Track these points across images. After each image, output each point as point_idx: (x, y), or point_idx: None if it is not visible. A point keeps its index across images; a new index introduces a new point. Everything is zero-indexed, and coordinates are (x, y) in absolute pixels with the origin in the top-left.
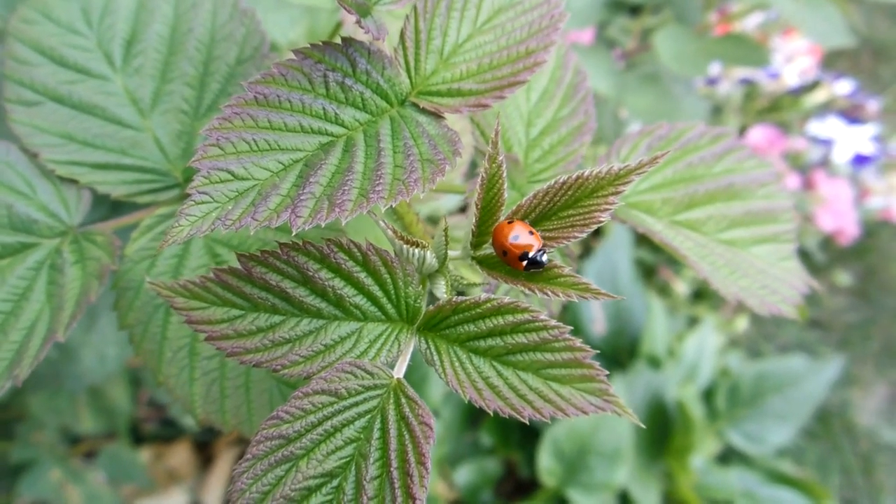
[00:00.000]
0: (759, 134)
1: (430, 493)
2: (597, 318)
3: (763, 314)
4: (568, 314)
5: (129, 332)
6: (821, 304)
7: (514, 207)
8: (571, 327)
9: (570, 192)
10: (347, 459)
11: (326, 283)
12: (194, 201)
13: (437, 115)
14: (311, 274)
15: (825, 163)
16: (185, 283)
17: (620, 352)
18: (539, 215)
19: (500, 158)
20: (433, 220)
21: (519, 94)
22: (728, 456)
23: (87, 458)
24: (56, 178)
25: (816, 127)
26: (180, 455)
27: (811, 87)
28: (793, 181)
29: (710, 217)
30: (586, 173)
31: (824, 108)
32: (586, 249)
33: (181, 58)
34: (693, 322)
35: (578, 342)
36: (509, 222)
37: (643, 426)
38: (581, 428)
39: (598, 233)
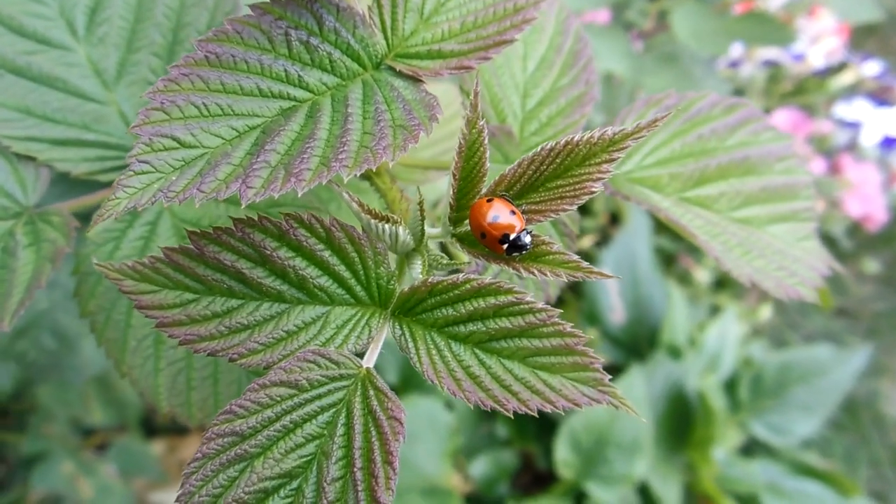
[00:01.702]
0: (783, 117)
1: (445, 485)
2: (615, 307)
3: (780, 297)
4: (585, 302)
5: (91, 319)
6: (848, 292)
7: (496, 178)
8: (560, 310)
9: (558, 160)
10: (308, 458)
11: (286, 262)
12: (133, 171)
13: (415, 79)
14: (269, 253)
15: (852, 146)
16: (134, 264)
17: (640, 341)
18: (524, 186)
19: (481, 123)
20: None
21: (514, 63)
22: (752, 448)
23: (99, 450)
24: (12, 155)
25: (843, 109)
26: (194, 447)
27: (838, 68)
28: (819, 166)
29: (723, 194)
30: (576, 138)
31: (851, 91)
32: (604, 237)
33: (149, 25)
34: (715, 311)
35: (569, 326)
36: (488, 200)
37: (644, 420)
38: (599, 419)
39: (615, 220)
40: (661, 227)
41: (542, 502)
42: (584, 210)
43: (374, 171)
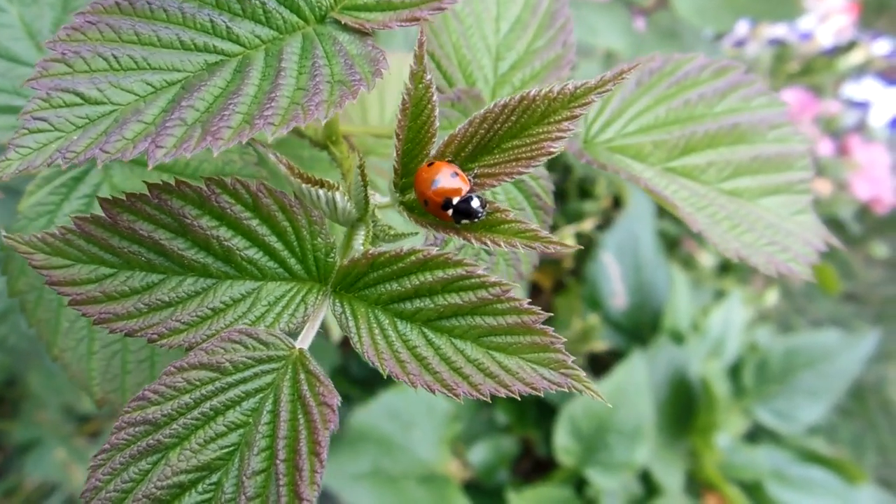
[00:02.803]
0: (790, 97)
1: (443, 472)
2: (617, 292)
3: (770, 274)
4: (586, 287)
5: (21, 299)
6: (856, 276)
7: (445, 139)
8: (517, 285)
9: (513, 118)
10: (230, 450)
11: (209, 232)
12: (28, 129)
13: (361, 33)
14: (189, 222)
15: (861, 127)
16: (44, 235)
17: (642, 327)
18: (477, 147)
19: (428, 77)
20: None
21: (486, 24)
22: (756, 434)
23: (93, 437)
24: None
25: (852, 89)
26: None
27: (847, 47)
28: (826, 147)
29: (711, 163)
30: (532, 93)
31: (860, 70)
32: (606, 220)
33: None
34: (719, 296)
35: (526, 303)
36: (429, 164)
37: (610, 405)
38: (599, 405)
39: (618, 204)
40: (665, 210)
41: (541, 489)
42: (586, 193)
43: (331, 139)
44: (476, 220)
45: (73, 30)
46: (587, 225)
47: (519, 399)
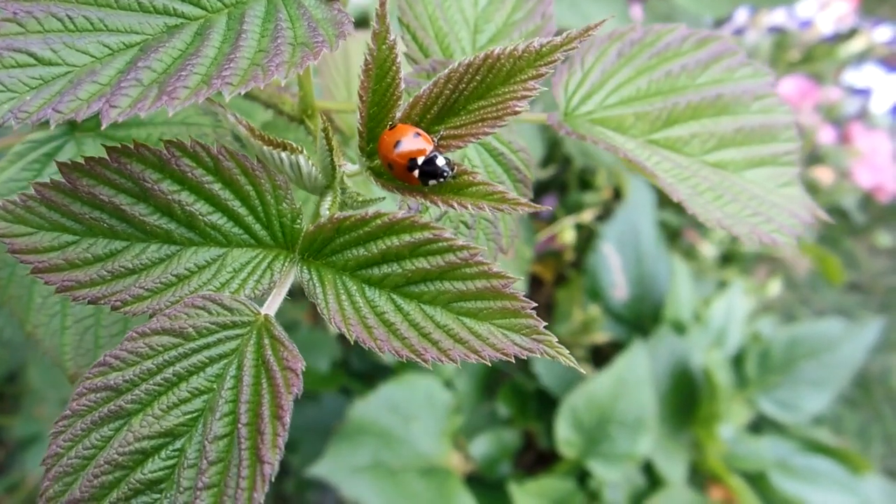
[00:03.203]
0: (790, 85)
1: (445, 465)
2: (617, 283)
3: (753, 245)
4: (587, 278)
5: None
6: (860, 266)
7: (410, 100)
8: (484, 248)
9: (478, 78)
10: (194, 416)
11: (171, 197)
12: None
13: None
14: (150, 186)
15: (862, 114)
16: (5, 203)
17: (643, 318)
18: (443, 109)
19: (391, 38)
20: None
21: None
22: (760, 425)
23: None
24: None
25: (853, 76)
26: None
27: (848, 34)
28: (828, 134)
29: (695, 135)
30: (496, 51)
31: (862, 57)
32: (606, 211)
33: None
34: (722, 286)
35: (496, 267)
36: (391, 127)
37: (584, 372)
38: (601, 396)
39: (618, 195)
40: (666, 200)
41: (544, 482)
42: (586, 184)
43: (307, 113)
44: (443, 179)
45: None
46: (587, 216)
47: (489, 365)
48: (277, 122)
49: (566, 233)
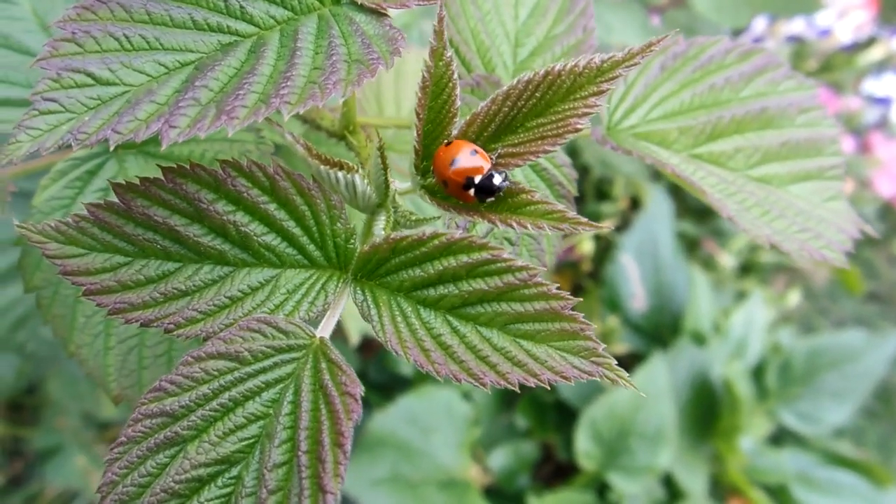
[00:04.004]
0: None
1: (463, 477)
2: (636, 294)
3: (802, 261)
4: (605, 289)
5: (37, 295)
6: (880, 276)
7: (467, 118)
8: (544, 268)
9: (538, 95)
10: (251, 442)
11: (226, 217)
12: (38, 111)
13: (378, 13)
14: (205, 206)
15: (883, 124)
16: (58, 224)
17: (662, 329)
18: (500, 126)
19: (449, 54)
20: None
21: (505, 10)
22: (781, 437)
23: None
24: None
25: (872, 85)
26: None
27: (867, 43)
28: (847, 144)
29: (739, 149)
30: (557, 68)
31: (881, 66)
32: (624, 222)
33: None
34: (741, 297)
35: (554, 287)
36: (447, 144)
37: (643, 395)
38: (620, 408)
39: (636, 205)
40: (684, 211)
41: (562, 495)
42: (603, 195)
43: (349, 129)
44: (500, 194)
45: (83, 9)
46: (610, 225)
47: (548, 388)
48: (311, 137)
49: (584, 243)
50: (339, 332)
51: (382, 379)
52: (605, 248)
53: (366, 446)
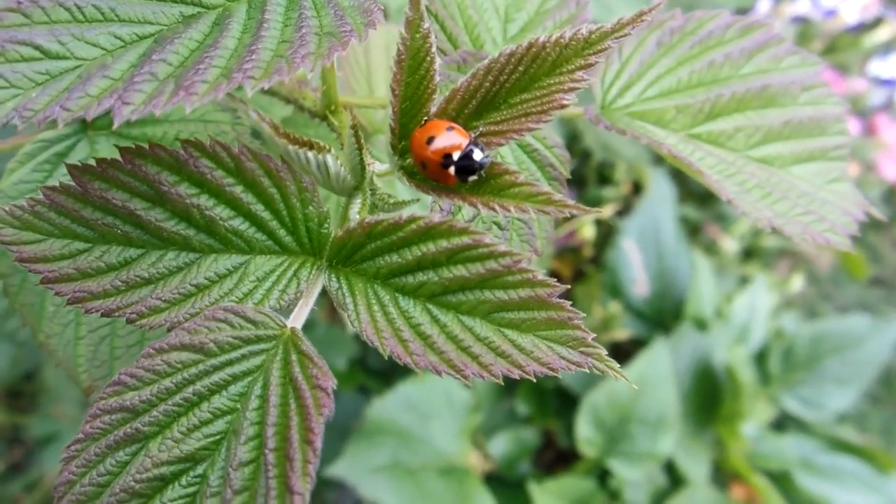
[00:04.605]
0: None
1: (463, 464)
2: (638, 279)
3: (806, 245)
4: (606, 274)
5: (4, 283)
6: (884, 260)
7: (446, 94)
8: (529, 254)
9: (521, 69)
10: (216, 438)
11: (189, 201)
12: None
13: None
14: (166, 189)
15: (888, 106)
16: (12, 207)
17: (665, 314)
18: (482, 103)
19: (426, 26)
20: None
21: None
22: (783, 423)
23: None
24: None
25: (878, 67)
26: None
27: (873, 24)
28: (853, 126)
29: (739, 129)
30: (542, 39)
31: (887, 47)
32: (626, 206)
33: None
34: (743, 282)
35: (540, 274)
36: (422, 124)
37: (636, 387)
38: (621, 395)
39: (638, 189)
40: (686, 195)
41: (563, 481)
42: (605, 179)
43: (330, 108)
44: (482, 173)
45: None
46: (607, 211)
47: (534, 380)
48: (297, 119)
49: (585, 228)
50: (336, 319)
51: (382, 365)
52: (606, 233)
53: (365, 433)
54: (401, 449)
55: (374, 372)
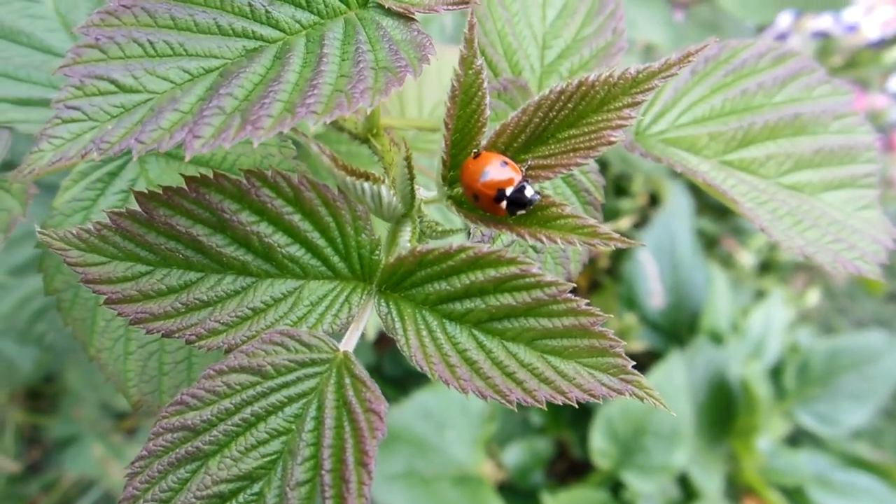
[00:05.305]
0: None
1: (477, 473)
2: (654, 291)
3: (837, 273)
4: (622, 286)
5: (57, 297)
6: None
7: (496, 128)
8: (573, 284)
9: (570, 105)
10: (272, 458)
11: (249, 228)
12: (61, 119)
13: (406, 18)
14: (228, 217)
15: None
16: (79, 231)
17: (680, 327)
18: (531, 137)
19: (479, 62)
20: None
21: (532, 11)
22: (798, 438)
23: (130, 434)
24: None
25: None
26: None
27: (894, 40)
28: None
29: (771, 156)
30: (591, 78)
31: None
32: (643, 218)
33: None
34: (760, 296)
35: (584, 303)
36: (475, 156)
37: (674, 414)
38: (636, 407)
39: (654, 201)
40: (703, 208)
41: (577, 492)
42: (622, 191)
43: (372, 132)
44: (531, 207)
45: (107, 14)
46: (624, 223)
47: (577, 407)
48: (330, 135)
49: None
50: None
51: (397, 373)
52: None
53: (380, 441)
54: (415, 457)
55: (390, 379)
